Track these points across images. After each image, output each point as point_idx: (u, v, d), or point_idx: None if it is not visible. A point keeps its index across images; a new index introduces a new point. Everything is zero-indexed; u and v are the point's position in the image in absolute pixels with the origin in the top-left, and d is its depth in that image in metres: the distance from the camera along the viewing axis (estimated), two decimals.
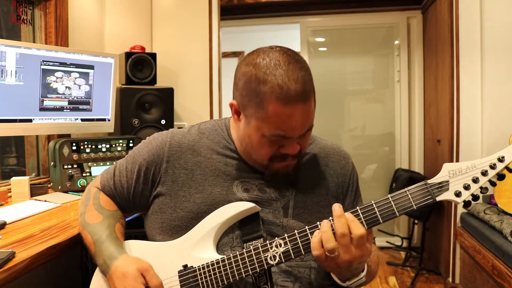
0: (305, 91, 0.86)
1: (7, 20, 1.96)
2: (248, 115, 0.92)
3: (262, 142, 0.92)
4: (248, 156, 1.00)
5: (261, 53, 0.91)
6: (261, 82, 0.87)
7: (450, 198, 0.82)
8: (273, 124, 0.88)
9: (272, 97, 0.85)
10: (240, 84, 0.93)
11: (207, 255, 0.92)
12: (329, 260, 0.82)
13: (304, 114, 0.88)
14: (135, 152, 1.07)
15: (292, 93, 0.85)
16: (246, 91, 0.90)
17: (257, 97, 0.88)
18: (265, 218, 0.96)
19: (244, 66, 0.92)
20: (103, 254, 0.94)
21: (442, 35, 2.74)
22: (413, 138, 3.50)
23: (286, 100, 0.85)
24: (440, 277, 2.86)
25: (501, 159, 0.81)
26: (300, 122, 0.89)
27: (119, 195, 1.07)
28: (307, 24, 3.61)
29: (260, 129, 0.90)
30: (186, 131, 1.07)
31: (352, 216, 0.82)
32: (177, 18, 2.74)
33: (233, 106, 0.96)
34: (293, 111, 0.86)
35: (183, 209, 0.97)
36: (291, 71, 0.86)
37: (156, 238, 1.01)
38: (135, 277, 0.88)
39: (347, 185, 1.08)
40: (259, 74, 0.87)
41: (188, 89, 2.73)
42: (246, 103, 0.91)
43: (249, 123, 0.92)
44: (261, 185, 0.99)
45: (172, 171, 1.01)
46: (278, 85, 0.85)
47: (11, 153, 2.14)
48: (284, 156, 0.94)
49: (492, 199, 2.27)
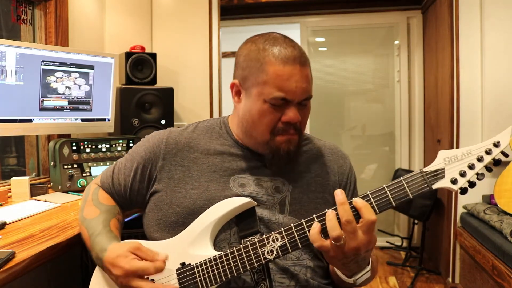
0: (302, 55, 0.93)
1: (7, 20, 1.96)
2: (249, 86, 0.96)
3: (263, 110, 0.93)
4: (249, 138, 1.00)
5: (258, 35, 0.99)
6: (261, 50, 0.94)
7: (446, 186, 0.81)
8: (273, 86, 0.91)
9: (272, 59, 0.92)
10: (240, 60, 0.98)
11: (205, 252, 0.92)
12: (335, 250, 0.80)
13: (302, 77, 0.92)
14: (134, 150, 1.09)
15: (290, 55, 0.92)
16: (246, 63, 0.96)
17: (257, 62, 0.93)
18: (261, 215, 0.96)
19: (244, 45, 1.00)
20: (95, 248, 0.95)
21: (442, 35, 2.74)
22: (413, 138, 3.50)
23: (285, 60, 0.91)
24: (440, 277, 2.86)
25: (497, 144, 0.81)
26: (300, 83, 0.92)
27: (117, 192, 1.09)
28: (307, 24, 3.61)
29: (261, 95, 0.93)
30: (184, 128, 1.09)
31: (363, 202, 0.81)
32: (177, 18, 2.74)
33: (234, 85, 1.00)
34: (292, 71, 0.91)
35: (179, 205, 0.98)
36: (288, 42, 0.95)
37: (154, 235, 1.01)
38: (125, 256, 0.87)
39: (344, 184, 1.08)
40: (259, 45, 0.95)
41: (188, 89, 2.73)
42: (247, 74, 0.96)
43: (250, 94, 0.95)
44: (258, 181, 1.00)
45: (169, 168, 1.02)
46: (278, 49, 0.93)
47: (11, 153, 2.14)
48: (286, 128, 0.95)
49: (492, 199, 2.27)
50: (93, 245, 0.96)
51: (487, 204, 2.28)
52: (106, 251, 0.92)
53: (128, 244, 0.90)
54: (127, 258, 0.87)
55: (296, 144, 0.98)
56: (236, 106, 1.02)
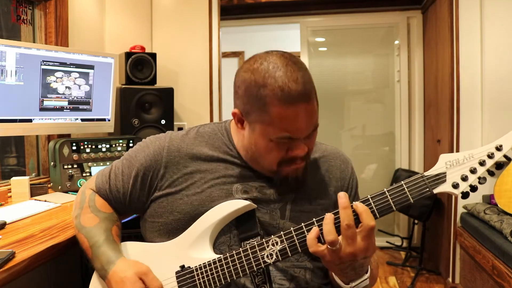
0: (306, 90, 0.86)
1: (7, 20, 1.96)
2: (252, 121, 0.91)
3: (270, 147, 0.91)
4: (255, 163, 0.98)
5: (258, 58, 0.90)
6: (261, 86, 0.86)
7: (447, 190, 0.80)
8: (278, 127, 0.87)
9: (274, 99, 0.85)
10: (240, 92, 0.92)
11: (204, 254, 0.91)
12: (331, 255, 0.80)
13: (308, 114, 0.87)
14: (132, 155, 1.05)
15: (293, 93, 0.84)
16: (247, 98, 0.90)
17: (259, 101, 0.87)
18: (261, 219, 0.96)
19: (243, 73, 0.92)
20: (100, 259, 0.94)
21: (442, 35, 2.74)
22: (413, 138, 3.50)
23: (289, 101, 0.84)
24: (440, 277, 2.86)
25: (499, 147, 0.79)
26: (305, 122, 0.88)
27: (115, 199, 1.06)
28: (307, 24, 3.61)
29: (266, 133, 0.89)
30: (185, 134, 1.05)
31: (364, 206, 0.81)
32: (177, 18, 2.74)
33: (236, 115, 0.95)
34: (297, 111, 0.85)
35: (180, 212, 0.97)
36: (289, 72, 0.86)
37: (155, 240, 1.00)
38: (133, 281, 0.87)
39: (345, 189, 1.07)
40: (259, 79, 0.87)
41: (188, 89, 2.73)
42: (249, 110, 0.90)
43: (254, 129, 0.91)
44: (261, 188, 0.99)
45: (170, 175, 0.99)
46: (279, 87, 0.84)
47: (11, 153, 2.14)
48: (293, 159, 0.93)
49: (492, 199, 2.27)
50: (98, 256, 0.95)
51: (487, 204, 2.28)
52: (113, 264, 0.91)
53: (137, 267, 0.90)
54: (135, 285, 0.87)
55: (303, 169, 0.97)
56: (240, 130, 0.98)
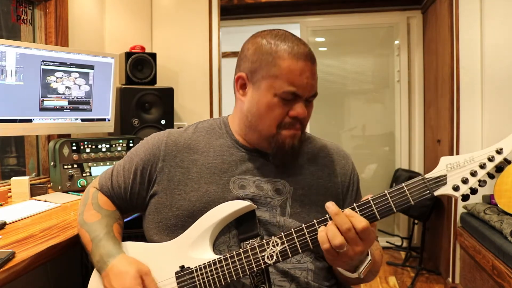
0: (312, 54, 0.96)
1: (7, 20, 1.96)
2: (258, 79, 0.96)
3: (273, 103, 0.94)
4: (252, 134, 1.00)
5: (266, 31, 1.00)
6: (273, 44, 0.95)
7: (448, 193, 0.81)
8: (285, 80, 0.93)
9: (285, 53, 0.93)
10: (249, 53, 0.98)
11: (204, 255, 0.91)
12: (341, 255, 0.81)
13: (312, 74, 0.95)
14: (133, 152, 1.08)
15: (302, 52, 0.94)
16: (257, 56, 0.96)
17: (269, 56, 0.94)
18: (261, 218, 0.96)
19: (251, 40, 1.00)
20: (100, 252, 0.94)
21: (442, 35, 2.74)
22: (413, 138, 3.50)
23: (298, 56, 0.93)
24: (440, 277, 2.86)
25: (500, 151, 0.80)
26: (310, 80, 0.94)
27: (117, 195, 1.07)
28: (307, 24, 3.61)
29: (271, 88, 0.94)
30: (183, 130, 1.08)
31: (351, 211, 0.82)
32: (177, 18, 2.74)
33: (240, 78, 1.00)
34: (304, 67, 0.93)
35: (178, 208, 0.97)
36: (298, 39, 0.97)
37: (153, 238, 1.01)
38: (134, 277, 0.88)
39: (347, 185, 1.07)
40: (270, 40, 0.96)
41: (188, 89, 2.73)
42: (257, 67, 0.96)
43: (259, 87, 0.96)
44: (258, 182, 0.99)
45: (168, 169, 1.01)
46: (290, 45, 0.94)
47: (11, 153, 2.14)
48: (292, 123, 0.96)
49: (492, 199, 2.27)
50: (97, 249, 0.95)
51: (487, 204, 2.28)
52: (114, 258, 0.92)
53: (140, 266, 0.91)
54: (136, 282, 0.88)
55: (299, 139, 0.99)
56: (240, 100, 1.01)
